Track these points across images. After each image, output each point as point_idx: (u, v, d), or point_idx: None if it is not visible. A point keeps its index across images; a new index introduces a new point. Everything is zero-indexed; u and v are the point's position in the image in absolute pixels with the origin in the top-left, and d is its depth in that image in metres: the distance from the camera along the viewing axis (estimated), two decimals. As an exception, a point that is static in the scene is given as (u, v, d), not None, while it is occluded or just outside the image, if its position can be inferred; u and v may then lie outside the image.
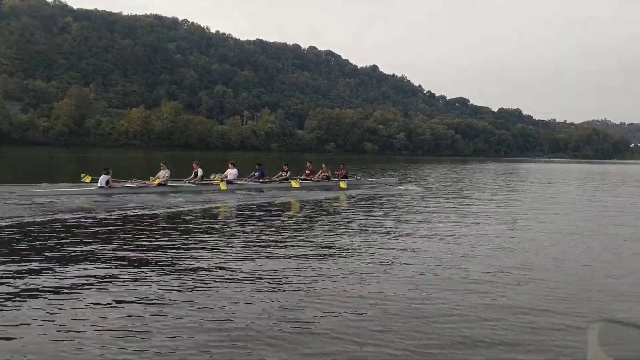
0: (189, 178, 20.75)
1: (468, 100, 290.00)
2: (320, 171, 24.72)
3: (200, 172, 20.71)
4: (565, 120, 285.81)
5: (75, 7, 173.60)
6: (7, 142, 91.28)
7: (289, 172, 23.27)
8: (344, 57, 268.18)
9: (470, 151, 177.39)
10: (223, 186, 20.10)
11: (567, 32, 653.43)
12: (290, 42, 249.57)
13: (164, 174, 19.41)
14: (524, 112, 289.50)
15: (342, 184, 23.11)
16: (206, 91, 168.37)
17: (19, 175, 29.04)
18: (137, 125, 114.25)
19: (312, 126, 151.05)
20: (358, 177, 26.64)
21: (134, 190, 18.45)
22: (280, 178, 22.99)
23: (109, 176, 18.21)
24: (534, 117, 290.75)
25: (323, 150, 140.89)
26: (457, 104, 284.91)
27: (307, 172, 24.82)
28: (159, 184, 19.09)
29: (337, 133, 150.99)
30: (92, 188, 18.04)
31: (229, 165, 21.98)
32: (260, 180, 22.14)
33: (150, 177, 19.92)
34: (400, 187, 24.63)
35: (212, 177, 21.24)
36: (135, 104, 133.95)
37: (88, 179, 20.09)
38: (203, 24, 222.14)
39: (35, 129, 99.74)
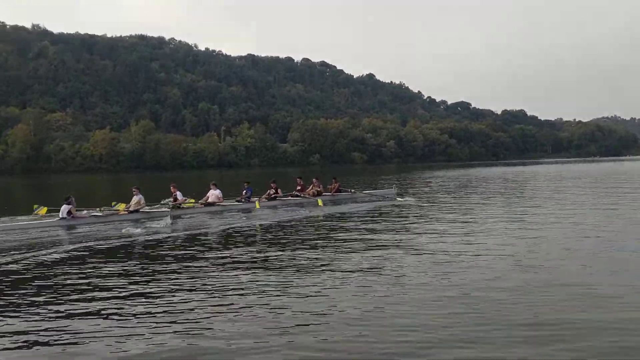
0: (166, 201, 19.09)
1: (470, 104, 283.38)
2: (311, 186, 22.35)
3: (179, 195, 18.97)
4: (575, 119, 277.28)
5: (55, 31, 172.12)
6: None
7: (279, 190, 21.45)
8: (339, 68, 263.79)
9: (466, 155, 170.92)
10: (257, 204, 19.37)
11: (573, 30, 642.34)
12: (282, 55, 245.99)
13: (137, 199, 17.47)
14: (529, 113, 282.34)
15: (319, 202, 20.58)
16: (191, 109, 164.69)
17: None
18: (102, 148, 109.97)
19: (295, 138, 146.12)
20: (352, 190, 24.52)
21: (101, 220, 16.48)
22: (269, 197, 21.09)
23: (71, 205, 16.09)
24: (539, 118, 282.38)
25: (307, 163, 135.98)
26: (458, 108, 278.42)
27: (299, 187, 22.39)
28: (131, 211, 17.15)
29: (322, 144, 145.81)
30: (53, 220, 15.93)
31: (211, 186, 20.09)
32: (244, 199, 20.27)
33: (114, 204, 18.04)
34: (399, 199, 22.31)
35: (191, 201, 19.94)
36: (116, 126, 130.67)
37: (43, 210, 17.40)
38: (191, 42, 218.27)
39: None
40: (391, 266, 9.00)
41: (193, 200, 19.79)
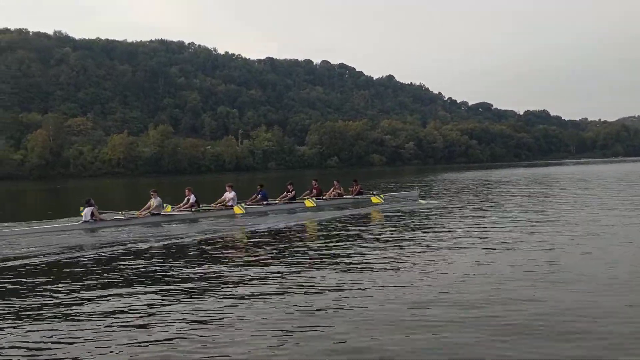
0: (180, 205, 18.98)
1: (491, 105, 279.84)
2: (332, 189, 22.69)
3: (193, 198, 18.93)
4: (600, 119, 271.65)
5: (77, 37, 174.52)
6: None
7: (294, 192, 21.48)
8: (358, 70, 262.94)
9: (487, 157, 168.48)
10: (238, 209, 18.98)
11: (599, 28, 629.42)
12: (301, 58, 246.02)
13: (154, 202, 17.88)
14: (553, 113, 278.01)
15: (375, 199, 21.10)
16: (210, 113, 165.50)
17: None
18: (120, 152, 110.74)
19: (313, 141, 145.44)
20: (374, 193, 23.92)
21: (123, 223, 16.90)
22: (285, 199, 21.17)
23: (93, 208, 16.51)
24: (563, 118, 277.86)
25: (325, 166, 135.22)
26: (480, 109, 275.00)
27: (314, 191, 22.08)
28: (152, 214, 17.59)
29: (340, 146, 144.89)
30: (76, 223, 16.43)
31: (227, 188, 20.29)
32: (265, 202, 20.55)
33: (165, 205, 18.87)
34: (421, 201, 22.48)
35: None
36: (136, 131, 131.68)
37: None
38: (211, 46, 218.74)
39: (8, 163, 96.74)
40: (416, 277, 8.57)
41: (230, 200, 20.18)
